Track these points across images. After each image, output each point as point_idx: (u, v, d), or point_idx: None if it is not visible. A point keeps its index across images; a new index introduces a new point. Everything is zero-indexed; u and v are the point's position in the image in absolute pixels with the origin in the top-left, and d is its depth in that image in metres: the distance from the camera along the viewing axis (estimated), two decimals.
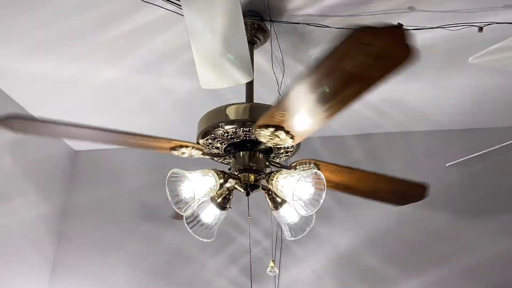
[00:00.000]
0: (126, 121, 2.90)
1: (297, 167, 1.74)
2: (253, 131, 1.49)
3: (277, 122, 1.40)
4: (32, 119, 1.48)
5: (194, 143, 1.68)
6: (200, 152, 1.70)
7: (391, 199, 2.06)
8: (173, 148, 1.66)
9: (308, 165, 1.74)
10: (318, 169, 1.74)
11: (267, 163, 1.75)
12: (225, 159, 1.79)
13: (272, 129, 1.43)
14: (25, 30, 2.15)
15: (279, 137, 1.46)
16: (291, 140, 1.48)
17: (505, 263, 2.45)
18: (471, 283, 2.46)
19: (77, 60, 2.34)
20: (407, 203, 2.07)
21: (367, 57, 1.07)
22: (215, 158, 1.81)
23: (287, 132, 1.44)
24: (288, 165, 1.78)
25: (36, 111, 2.83)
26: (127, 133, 1.58)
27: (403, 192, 1.98)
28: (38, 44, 2.23)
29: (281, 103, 1.31)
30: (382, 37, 1.01)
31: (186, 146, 1.66)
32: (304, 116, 1.35)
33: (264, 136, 1.48)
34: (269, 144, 1.55)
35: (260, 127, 1.44)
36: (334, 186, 1.87)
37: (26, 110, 2.79)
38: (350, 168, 1.80)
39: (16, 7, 2.01)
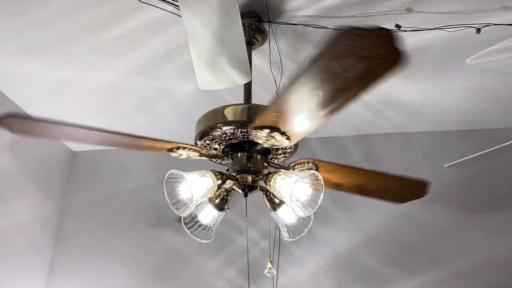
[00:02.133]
0: (123, 121, 2.89)
1: (295, 168, 1.74)
2: (249, 132, 1.49)
3: (272, 123, 1.40)
4: (30, 118, 1.49)
5: (192, 145, 1.68)
6: (198, 154, 1.70)
7: (391, 197, 2.03)
8: (171, 150, 1.67)
9: (306, 164, 1.73)
10: (317, 168, 1.73)
11: (265, 164, 1.75)
12: (223, 160, 1.79)
13: (267, 130, 1.43)
14: (23, 30, 2.15)
15: (275, 138, 1.46)
16: (287, 141, 1.48)
17: (504, 264, 2.46)
18: (469, 283, 2.46)
19: (75, 60, 2.34)
20: (408, 201, 2.03)
21: (356, 59, 1.06)
22: (213, 159, 1.80)
23: (283, 133, 1.43)
24: (287, 165, 1.77)
25: (33, 111, 2.83)
26: (124, 134, 1.58)
27: (402, 189, 1.96)
28: (36, 44, 2.23)
29: (274, 104, 1.31)
30: (370, 39, 1.00)
31: (184, 148, 1.66)
32: (298, 117, 1.34)
33: (260, 137, 1.48)
34: (265, 145, 1.55)
35: (256, 128, 1.44)
36: (333, 186, 1.86)
37: (23, 110, 2.79)
38: (348, 166, 1.79)
39: (14, 7, 2.01)
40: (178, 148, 1.65)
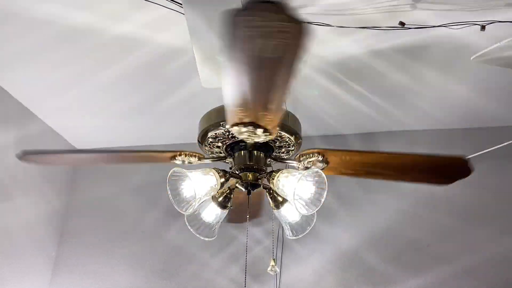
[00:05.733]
0: (127, 121, 2.90)
1: (301, 159, 1.71)
2: (232, 133, 1.48)
3: (241, 119, 1.36)
4: (42, 152, 1.83)
5: (189, 151, 1.69)
6: (197, 159, 1.70)
7: (429, 179, 1.89)
8: (172, 158, 1.69)
9: (311, 155, 1.70)
10: (325, 158, 1.70)
11: (268, 161, 1.74)
12: (226, 158, 1.79)
13: (242, 126, 1.39)
14: (27, 29, 2.15)
15: (254, 133, 1.44)
16: (267, 133, 1.43)
17: (506, 264, 2.45)
18: (472, 283, 2.45)
19: (79, 59, 2.34)
20: (452, 182, 1.86)
21: (262, 38, 1.00)
22: (214, 160, 1.80)
23: (257, 126, 1.39)
24: (293, 158, 1.75)
25: (37, 110, 2.84)
26: (126, 151, 1.63)
27: (438, 170, 1.80)
28: (40, 43, 2.23)
29: (230, 101, 1.28)
30: (259, 15, 0.95)
31: (179, 154, 1.68)
32: (255, 108, 1.30)
33: (242, 133, 1.46)
34: (249, 141, 1.53)
35: (233, 126, 1.41)
36: (348, 173, 1.78)
37: (28, 109, 2.80)
38: (359, 151, 1.71)
39: (16, 8, 2.01)
40: (174, 156, 1.68)
